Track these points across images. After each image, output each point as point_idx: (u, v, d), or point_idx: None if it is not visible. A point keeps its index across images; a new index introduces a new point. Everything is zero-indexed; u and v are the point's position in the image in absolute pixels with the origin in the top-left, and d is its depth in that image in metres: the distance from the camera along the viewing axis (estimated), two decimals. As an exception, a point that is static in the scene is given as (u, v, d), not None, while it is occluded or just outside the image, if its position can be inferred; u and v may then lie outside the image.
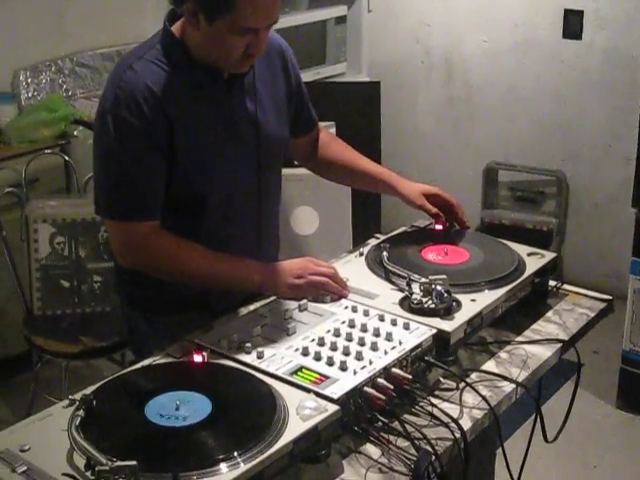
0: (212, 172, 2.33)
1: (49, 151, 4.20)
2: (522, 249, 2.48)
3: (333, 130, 4.44)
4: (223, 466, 1.60)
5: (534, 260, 2.43)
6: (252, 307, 2.22)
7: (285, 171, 2.67)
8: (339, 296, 2.25)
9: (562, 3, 4.93)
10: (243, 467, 1.60)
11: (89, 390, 1.82)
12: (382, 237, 2.61)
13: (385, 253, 2.38)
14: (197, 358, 1.94)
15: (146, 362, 1.99)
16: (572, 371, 2.39)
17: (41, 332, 3.64)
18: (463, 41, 5.36)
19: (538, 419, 2.20)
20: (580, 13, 4.89)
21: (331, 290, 2.25)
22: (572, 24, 4.92)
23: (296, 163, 2.87)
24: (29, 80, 4.67)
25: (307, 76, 5.20)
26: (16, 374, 4.27)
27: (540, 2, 5.00)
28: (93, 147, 2.34)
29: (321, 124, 2.77)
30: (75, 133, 4.40)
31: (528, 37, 5.10)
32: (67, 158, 4.16)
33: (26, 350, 3.98)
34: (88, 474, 1.54)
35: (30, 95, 4.67)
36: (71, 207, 3.75)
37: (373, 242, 2.56)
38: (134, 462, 1.50)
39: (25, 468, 1.60)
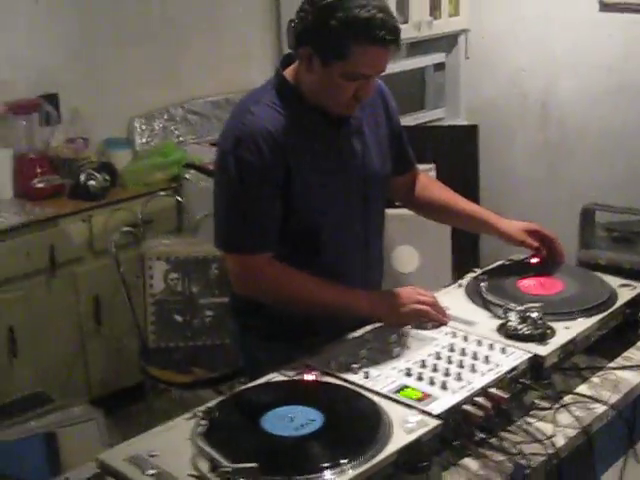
0: (325, 208, 2.50)
1: (163, 193, 4.43)
2: (614, 281, 2.59)
3: (433, 173, 4.58)
4: (332, 472, 1.74)
5: (626, 291, 2.53)
6: (358, 333, 2.37)
7: (387, 211, 2.81)
8: (439, 323, 2.38)
9: (657, 47, 5.01)
10: (350, 473, 1.73)
11: (211, 404, 1.99)
12: (480, 270, 2.75)
13: (483, 284, 2.52)
14: (309, 377, 2.11)
15: (262, 380, 2.16)
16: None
17: (156, 363, 3.84)
18: (558, 85, 5.45)
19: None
20: (675, 56, 4.96)
21: (432, 318, 2.39)
22: (667, 67, 4.98)
23: (397, 204, 3.00)
24: (143, 127, 4.93)
25: (407, 121, 5.35)
26: (130, 405, 4.46)
27: (635, 46, 5.07)
28: (214, 186, 2.53)
29: (421, 166, 2.91)
30: (187, 176, 4.60)
31: (622, 81, 5.16)
32: (180, 199, 4.39)
33: (140, 382, 4.18)
34: (211, 476, 1.70)
35: (144, 141, 4.92)
36: (184, 245, 3.96)
37: (471, 275, 2.70)
38: (254, 464, 1.66)
39: (154, 471, 1.76)
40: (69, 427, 3.76)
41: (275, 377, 2.16)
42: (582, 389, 2.25)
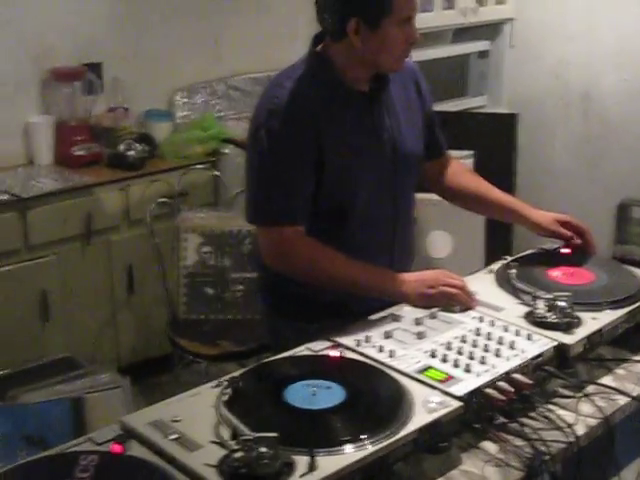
0: (355, 182, 2.51)
1: (200, 166, 4.47)
2: (645, 275, 2.59)
3: (471, 160, 4.59)
4: (352, 446, 1.74)
5: (656, 286, 2.53)
6: (385, 312, 2.38)
7: (421, 196, 2.83)
8: (467, 307, 2.39)
9: None
10: (370, 449, 1.75)
11: (236, 373, 2.01)
12: (511, 258, 2.74)
13: (513, 271, 2.52)
14: (333, 353, 2.12)
15: (287, 354, 2.18)
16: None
17: (184, 334, 3.88)
18: (602, 78, 5.43)
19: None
20: None
21: (460, 301, 2.40)
22: None
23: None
24: (184, 100, 4.96)
25: (448, 106, 5.36)
26: (157, 375, 4.51)
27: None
28: (246, 159, 2.56)
29: (460, 153, 2.91)
30: (225, 151, 4.65)
31: (668, 77, 5.15)
32: (217, 173, 4.41)
33: (168, 353, 4.23)
34: (233, 443, 1.71)
35: (184, 114, 4.96)
36: (219, 219, 3.98)
37: (502, 262, 2.70)
38: (275, 434, 1.68)
39: (176, 436, 1.78)
40: (96, 393, 3.79)
41: (301, 351, 2.18)
42: (606, 380, 2.24)
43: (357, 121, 2.53)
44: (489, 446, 1.96)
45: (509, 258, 2.72)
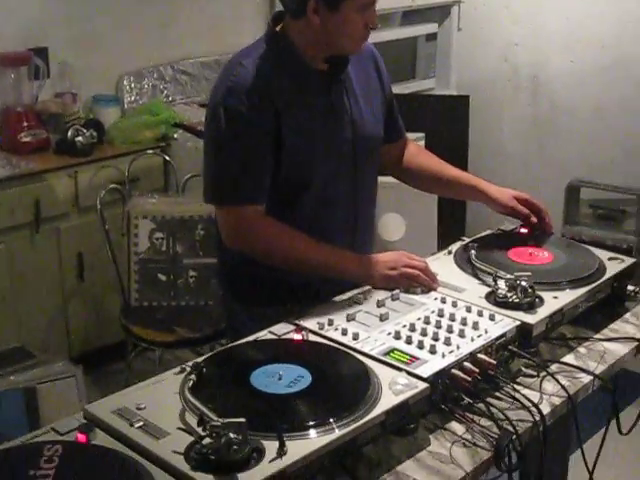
0: (314, 162, 2.50)
1: (150, 152, 4.42)
2: (603, 254, 2.60)
3: (422, 142, 4.59)
4: (319, 430, 1.73)
5: (614, 264, 2.54)
6: (347, 295, 2.35)
7: (373, 179, 2.81)
8: (429, 288, 2.38)
9: (650, 25, 5.01)
10: (337, 432, 1.73)
11: (200, 359, 1.99)
12: (469, 239, 2.74)
13: (473, 252, 2.52)
14: (297, 336, 2.10)
15: (250, 338, 2.15)
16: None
17: (138, 322, 3.84)
18: (550, 61, 5.45)
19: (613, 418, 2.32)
20: (668, 35, 4.96)
21: (422, 282, 2.39)
22: (659, 46, 4.99)
23: (385, 172, 2.97)
24: (132, 85, 4.90)
25: (397, 89, 5.31)
26: (109, 363, 4.47)
27: (628, 24, 5.07)
28: (204, 139, 2.54)
29: (411, 135, 2.90)
30: (175, 136, 4.59)
31: (615, 58, 5.17)
32: (167, 158, 4.37)
33: (120, 340, 4.19)
34: (199, 429, 1.69)
35: (133, 99, 4.90)
36: (170, 205, 3.95)
37: (461, 243, 2.69)
38: (243, 419, 1.65)
39: (142, 423, 1.75)
40: (48, 383, 3.75)
41: (264, 335, 2.16)
42: (568, 359, 2.25)
43: (316, 101, 2.51)
44: (456, 427, 1.96)
45: (467, 239, 2.72)
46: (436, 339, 2.08)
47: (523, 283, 2.26)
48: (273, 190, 2.48)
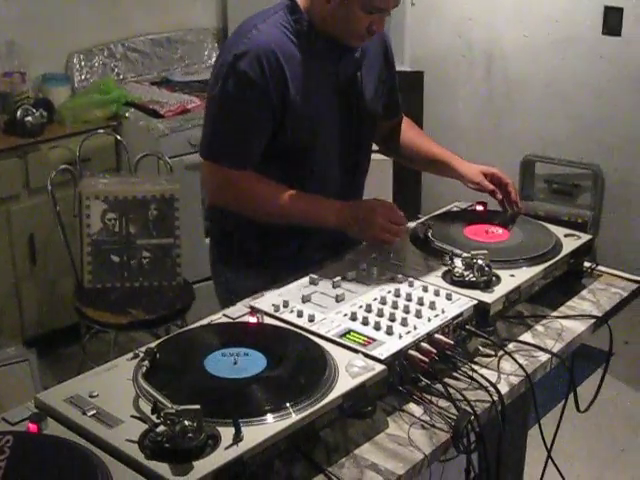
0: (317, 128, 2.55)
1: (102, 131, 4.35)
2: (559, 231, 2.59)
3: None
4: (275, 415, 1.71)
5: (570, 241, 2.53)
6: (304, 280, 2.31)
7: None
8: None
9: (602, 0, 5.00)
10: (294, 417, 1.71)
11: (153, 344, 1.95)
12: (425, 217, 2.73)
13: (429, 230, 2.50)
14: (252, 319, 2.07)
15: (204, 322, 2.12)
16: (603, 359, 2.51)
17: (91, 304, 3.79)
18: (504, 36, 5.44)
19: (570, 393, 2.33)
20: (620, 10, 4.96)
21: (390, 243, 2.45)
22: (612, 21, 4.99)
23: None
24: (82, 63, 4.84)
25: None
26: (64, 346, 4.43)
27: (580, -1, 5.08)
28: (208, 95, 2.59)
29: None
30: (126, 115, 4.54)
31: (568, 33, 5.17)
32: (119, 138, 4.31)
33: (74, 323, 4.14)
34: (154, 417, 1.66)
35: (83, 78, 4.84)
36: (122, 185, 3.90)
37: (417, 221, 2.68)
38: (198, 406, 1.62)
39: (95, 412, 1.72)
40: (2, 367, 3.71)
41: (218, 319, 2.12)
42: (526, 337, 2.25)
43: (325, 74, 2.56)
44: (414, 408, 1.95)
45: (423, 217, 2.71)
46: (393, 320, 2.06)
47: (480, 262, 2.24)
48: (273, 153, 2.52)
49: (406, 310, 2.11)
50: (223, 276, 2.78)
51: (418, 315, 2.08)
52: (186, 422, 1.60)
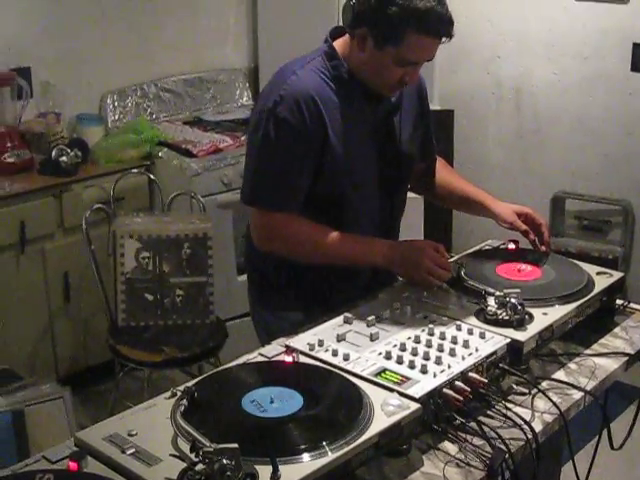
0: (355, 173, 2.57)
1: (135, 170, 4.40)
2: (591, 269, 2.60)
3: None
4: (312, 454, 1.72)
5: (603, 279, 2.55)
6: (338, 319, 2.33)
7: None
8: None
9: (631, 37, 5.00)
10: (331, 456, 1.72)
11: (191, 383, 1.98)
12: (457, 256, 2.75)
13: (462, 268, 2.52)
14: (288, 358, 2.09)
15: (240, 360, 2.14)
16: (636, 395, 2.50)
17: (125, 342, 3.82)
18: (533, 73, 5.46)
19: (604, 430, 2.32)
20: (649, 47, 4.98)
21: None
22: (641, 58, 5.01)
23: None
24: (116, 103, 4.89)
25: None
26: (97, 384, 4.45)
27: (609, 36, 5.08)
28: (248, 141, 2.62)
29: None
30: (160, 154, 4.58)
31: (597, 70, 5.18)
32: (152, 177, 4.36)
33: (107, 361, 4.17)
34: (192, 456, 1.68)
35: (116, 118, 4.89)
36: (156, 224, 3.93)
37: (450, 260, 2.69)
38: (236, 445, 1.64)
39: (134, 450, 1.74)
40: (36, 405, 3.72)
41: (254, 358, 2.15)
42: (559, 375, 2.26)
43: (364, 119, 2.58)
44: (449, 447, 1.96)
45: (455, 256, 2.72)
46: (427, 358, 2.08)
47: (512, 300, 2.26)
48: (311, 200, 2.55)
49: (440, 349, 2.12)
50: (262, 319, 2.81)
51: (452, 354, 2.10)
52: (224, 461, 1.61)
